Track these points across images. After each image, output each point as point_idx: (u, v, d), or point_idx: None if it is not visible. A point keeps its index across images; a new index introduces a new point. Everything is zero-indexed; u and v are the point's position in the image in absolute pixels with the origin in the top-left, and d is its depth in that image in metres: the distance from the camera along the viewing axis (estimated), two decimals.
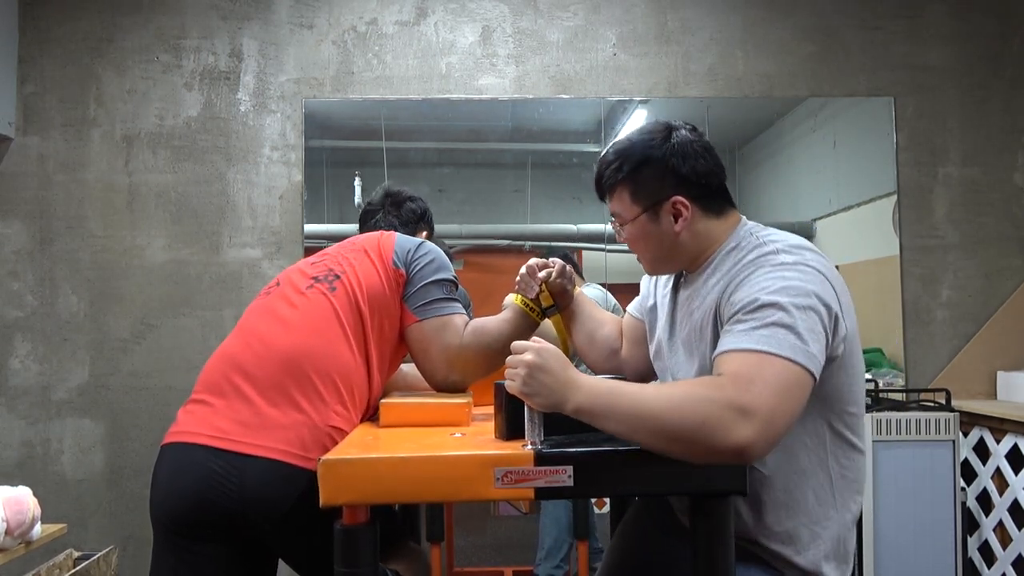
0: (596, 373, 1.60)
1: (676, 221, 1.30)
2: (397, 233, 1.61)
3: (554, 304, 1.62)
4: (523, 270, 1.60)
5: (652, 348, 1.48)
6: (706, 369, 1.24)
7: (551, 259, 1.63)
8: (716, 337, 1.20)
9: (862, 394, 1.27)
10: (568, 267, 1.62)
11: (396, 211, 1.86)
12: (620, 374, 1.58)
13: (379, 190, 1.91)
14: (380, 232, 1.63)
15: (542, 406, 1.11)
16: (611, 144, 1.39)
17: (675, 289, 1.41)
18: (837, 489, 1.24)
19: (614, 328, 1.64)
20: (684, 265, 1.36)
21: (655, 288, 1.52)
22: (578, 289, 1.68)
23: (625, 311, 1.66)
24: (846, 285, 1.22)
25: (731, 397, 1.02)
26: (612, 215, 1.38)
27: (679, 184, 1.29)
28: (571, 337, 1.66)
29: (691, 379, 1.14)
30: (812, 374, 1.08)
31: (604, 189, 1.37)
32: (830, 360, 1.16)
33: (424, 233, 1.85)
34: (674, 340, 1.38)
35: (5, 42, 2.97)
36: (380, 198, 1.89)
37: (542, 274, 1.58)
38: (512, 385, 1.12)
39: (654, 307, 1.50)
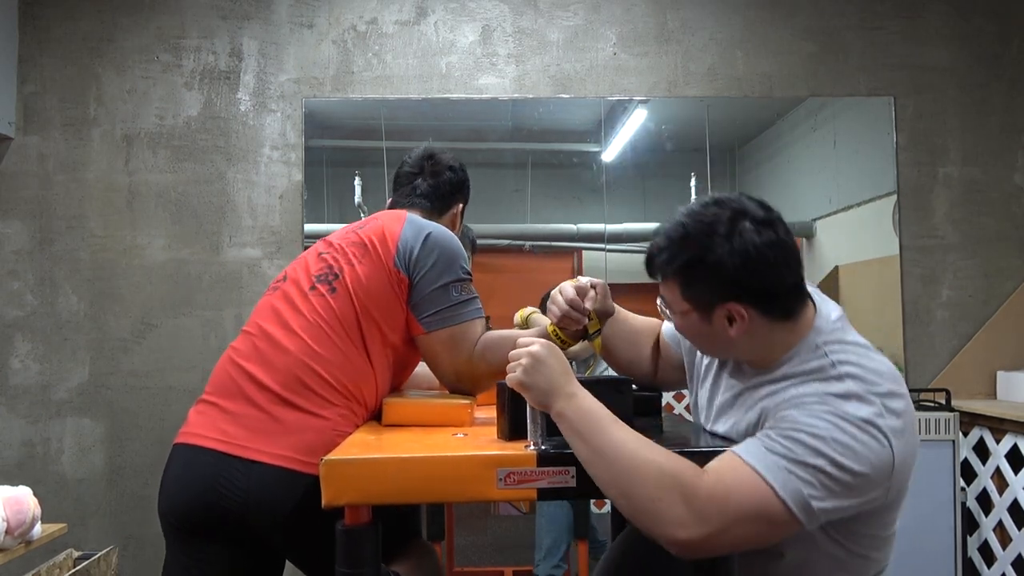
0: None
1: (731, 325, 1.14)
2: (405, 221, 1.49)
3: (599, 328, 1.47)
4: (562, 302, 1.41)
5: (695, 402, 1.40)
6: None
7: (584, 280, 1.45)
8: None
9: (891, 537, 1.20)
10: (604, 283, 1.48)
11: (434, 180, 1.67)
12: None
13: (419, 149, 1.72)
14: (387, 218, 1.52)
15: (533, 400, 1.12)
16: (667, 223, 1.19)
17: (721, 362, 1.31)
18: None
19: (651, 351, 1.54)
20: (743, 359, 1.23)
21: None
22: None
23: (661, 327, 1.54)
24: (916, 437, 1.10)
25: (698, 500, 0.99)
26: (661, 297, 1.24)
27: (737, 292, 1.12)
28: (612, 361, 1.55)
29: (677, 456, 1.04)
30: (802, 524, 1.01)
31: (653, 272, 1.22)
32: (857, 509, 1.06)
33: (460, 205, 1.71)
34: (710, 411, 1.31)
35: (5, 42, 2.96)
36: (418, 159, 1.69)
37: (589, 304, 1.41)
38: (512, 376, 1.13)
39: (692, 349, 1.39)
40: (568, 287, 1.41)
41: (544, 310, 1.70)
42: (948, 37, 3.16)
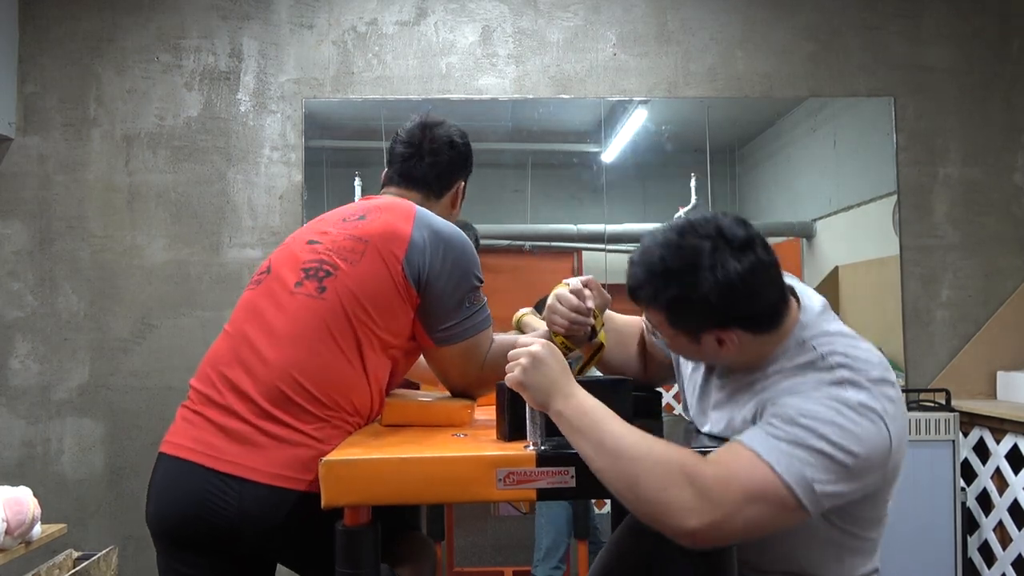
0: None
1: (720, 347, 1.15)
2: (414, 220, 1.36)
3: (603, 324, 1.43)
4: (567, 312, 1.35)
5: (684, 396, 1.41)
6: None
7: (574, 282, 1.38)
8: None
9: (884, 516, 1.22)
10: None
11: (433, 158, 1.53)
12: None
13: (415, 121, 1.56)
14: (392, 214, 1.38)
15: (531, 400, 1.11)
16: (639, 251, 1.16)
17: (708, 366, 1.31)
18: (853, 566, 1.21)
19: (637, 349, 1.55)
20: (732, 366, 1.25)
21: None
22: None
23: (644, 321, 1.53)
24: (906, 421, 1.13)
25: (704, 485, 0.99)
26: (646, 320, 1.26)
27: (724, 320, 1.12)
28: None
29: (678, 446, 1.06)
30: (806, 510, 1.02)
31: (637, 303, 1.19)
32: (859, 493, 1.08)
33: (461, 183, 1.58)
34: (704, 413, 1.30)
35: (5, 42, 2.96)
36: (415, 134, 1.55)
37: (590, 303, 1.35)
38: (511, 376, 1.12)
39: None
40: (566, 295, 1.35)
41: (541, 312, 1.67)
42: (948, 37, 3.15)
